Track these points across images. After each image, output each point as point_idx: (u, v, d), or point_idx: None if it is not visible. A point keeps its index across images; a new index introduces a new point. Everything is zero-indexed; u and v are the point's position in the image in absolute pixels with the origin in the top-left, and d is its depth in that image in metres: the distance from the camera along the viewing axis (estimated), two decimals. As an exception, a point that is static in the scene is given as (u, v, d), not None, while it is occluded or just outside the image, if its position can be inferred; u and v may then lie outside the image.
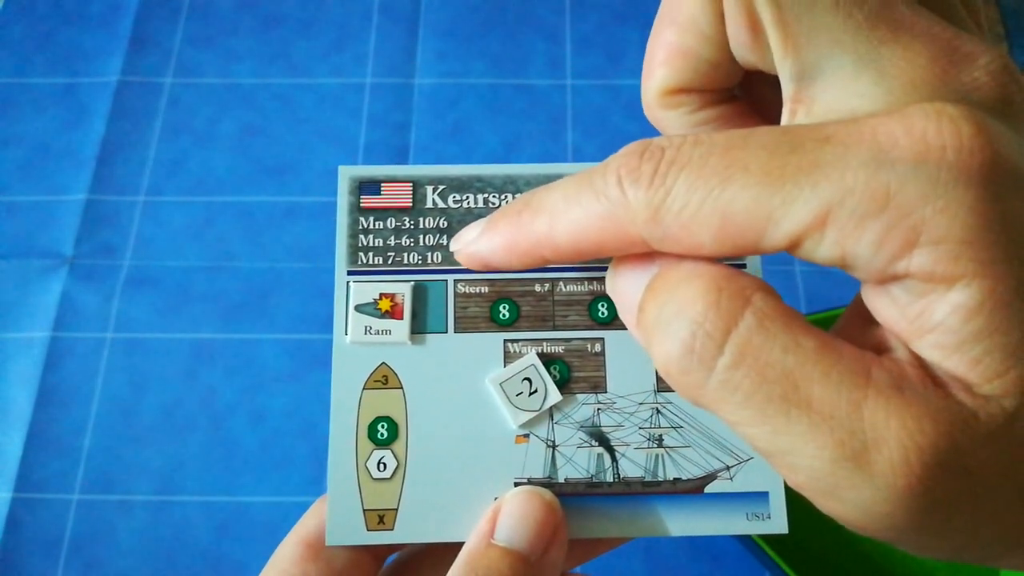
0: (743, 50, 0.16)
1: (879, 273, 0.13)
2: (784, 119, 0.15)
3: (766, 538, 0.34)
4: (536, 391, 0.21)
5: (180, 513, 0.40)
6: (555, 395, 0.21)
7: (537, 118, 0.50)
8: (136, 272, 0.45)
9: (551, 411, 0.21)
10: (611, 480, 0.21)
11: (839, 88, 0.14)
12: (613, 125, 0.49)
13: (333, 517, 0.20)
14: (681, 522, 0.20)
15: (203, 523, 0.40)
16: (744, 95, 0.19)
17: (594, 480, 0.21)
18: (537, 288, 0.22)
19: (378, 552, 0.22)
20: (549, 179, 0.23)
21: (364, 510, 0.20)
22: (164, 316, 0.44)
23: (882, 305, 0.13)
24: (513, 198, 0.23)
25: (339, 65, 0.51)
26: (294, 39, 0.52)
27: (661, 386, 0.21)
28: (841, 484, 0.13)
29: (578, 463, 0.21)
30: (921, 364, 0.13)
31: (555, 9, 0.53)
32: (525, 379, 0.21)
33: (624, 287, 0.16)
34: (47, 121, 0.49)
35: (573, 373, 0.21)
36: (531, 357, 0.21)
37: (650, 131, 0.50)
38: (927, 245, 0.12)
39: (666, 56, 0.17)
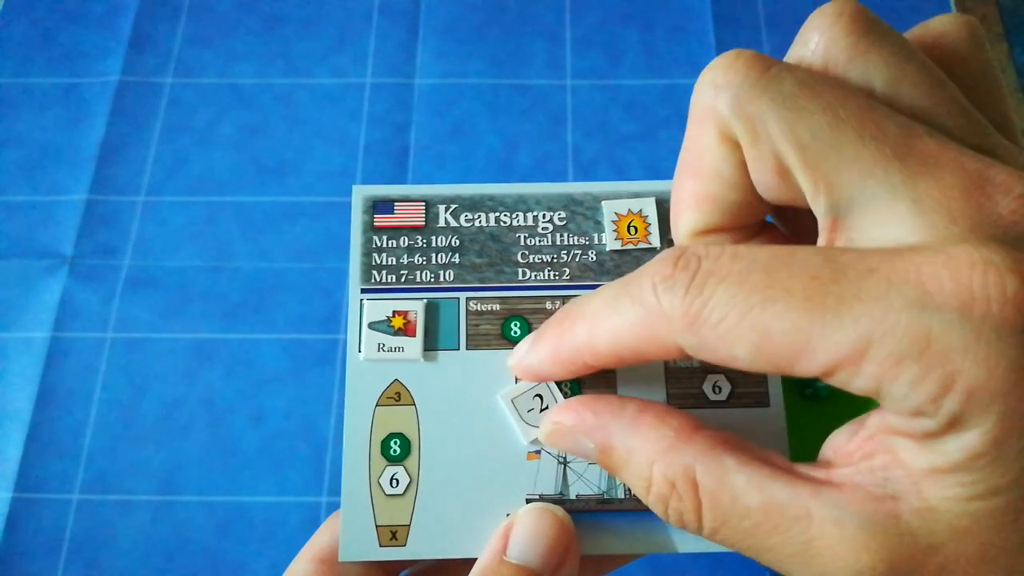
0: (771, 191, 0.16)
1: (909, 411, 0.13)
2: (821, 244, 0.16)
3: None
4: (547, 407, 0.21)
5: (180, 513, 0.40)
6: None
7: (537, 118, 0.50)
8: (136, 272, 0.45)
9: None
10: (622, 496, 0.21)
11: (876, 218, 0.14)
12: (613, 125, 0.49)
13: (346, 533, 0.20)
14: (690, 539, 0.21)
15: (203, 523, 0.40)
16: (776, 218, 0.19)
17: (605, 496, 0.21)
18: (548, 305, 0.22)
19: (391, 568, 0.22)
20: (559, 198, 0.23)
21: (377, 526, 0.20)
22: (164, 316, 0.44)
23: (896, 421, 0.14)
24: (524, 217, 0.23)
25: (339, 65, 0.51)
26: (294, 39, 0.52)
27: (672, 402, 0.21)
28: None
29: (589, 479, 0.21)
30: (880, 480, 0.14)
31: (555, 9, 0.53)
32: (536, 395, 0.21)
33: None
34: (47, 121, 0.49)
35: (584, 389, 0.22)
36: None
37: (649, 130, 0.50)
38: (961, 393, 0.12)
39: (693, 202, 0.18)
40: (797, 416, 0.21)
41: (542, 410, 0.21)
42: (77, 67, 0.51)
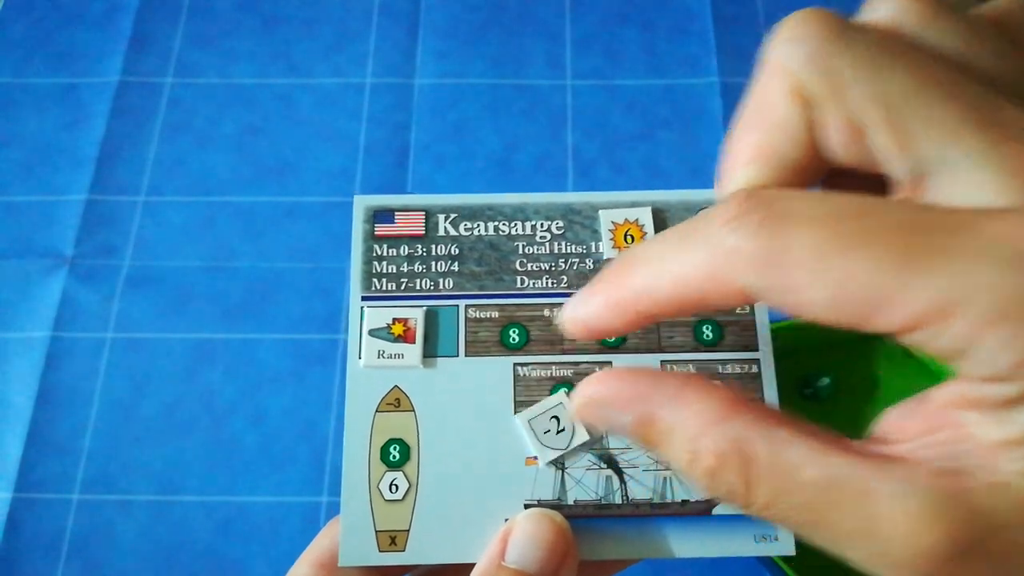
0: (839, 151, 0.16)
1: (992, 374, 0.12)
2: None
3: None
4: (563, 429, 0.21)
5: (180, 513, 0.40)
6: (583, 434, 0.21)
7: (537, 118, 0.50)
8: (136, 272, 0.45)
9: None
10: (620, 502, 0.21)
11: (960, 181, 0.14)
12: (613, 125, 0.49)
13: (346, 538, 0.20)
14: (689, 544, 0.21)
15: (203, 523, 0.40)
16: (824, 187, 0.19)
17: (603, 502, 0.21)
18: (546, 313, 0.23)
19: (390, 573, 0.22)
20: (557, 207, 0.23)
21: (376, 531, 0.21)
22: (164, 316, 0.44)
23: (971, 389, 0.13)
24: (522, 226, 0.23)
25: (339, 65, 0.51)
26: (294, 39, 0.52)
27: None
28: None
29: (587, 485, 0.21)
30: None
31: (555, 9, 0.53)
32: (553, 417, 0.21)
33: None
34: (47, 121, 0.49)
35: None
36: (560, 396, 0.22)
37: (649, 130, 0.49)
38: None
39: (752, 156, 0.17)
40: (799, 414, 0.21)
41: (559, 432, 0.21)
42: (77, 67, 0.51)
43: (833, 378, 0.41)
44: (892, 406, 0.15)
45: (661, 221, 0.23)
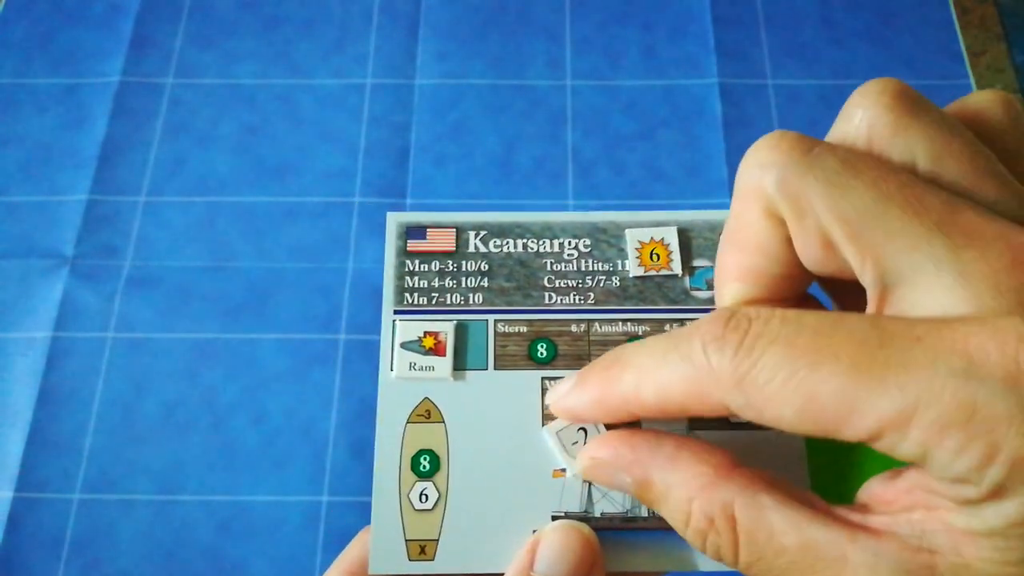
0: (817, 265, 0.17)
1: (952, 476, 0.13)
2: (870, 311, 0.16)
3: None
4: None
5: (181, 512, 0.40)
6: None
7: (537, 118, 0.50)
8: (137, 272, 0.45)
9: None
10: (646, 515, 0.21)
11: (923, 289, 0.15)
12: (613, 125, 0.49)
13: (376, 546, 0.21)
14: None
15: (204, 522, 0.40)
16: (824, 288, 0.20)
17: (629, 515, 0.21)
18: (573, 328, 0.23)
19: None
20: (584, 226, 0.24)
21: (406, 540, 0.21)
22: (165, 316, 0.44)
23: (938, 485, 0.14)
24: (550, 244, 0.24)
25: (339, 65, 0.51)
26: (295, 39, 0.52)
27: (694, 424, 0.22)
28: None
29: (614, 498, 0.21)
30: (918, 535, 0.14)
31: (555, 9, 0.53)
32: (581, 428, 0.22)
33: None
34: (48, 121, 0.50)
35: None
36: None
37: (649, 130, 0.50)
38: (1004, 464, 0.13)
39: (738, 274, 0.18)
40: (816, 440, 0.21)
41: (586, 443, 0.22)
42: (77, 67, 0.51)
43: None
44: (876, 476, 0.17)
45: (686, 240, 0.24)
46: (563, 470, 0.21)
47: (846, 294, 0.19)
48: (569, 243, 0.24)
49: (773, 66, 0.51)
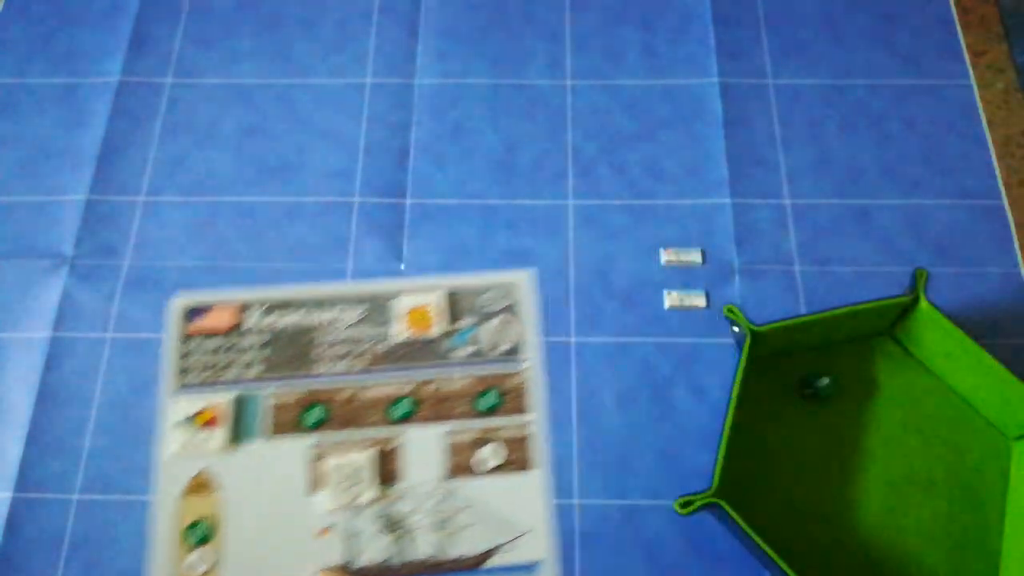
0: None
1: None
2: None
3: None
4: (360, 483, 0.24)
5: (180, 513, 0.40)
6: (371, 493, 0.24)
7: (537, 118, 0.50)
8: (136, 272, 0.45)
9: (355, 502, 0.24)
10: (403, 562, 0.24)
11: None
12: (613, 125, 0.50)
13: None
14: None
15: (203, 523, 0.40)
16: None
17: (386, 563, 0.24)
18: (345, 393, 0.26)
19: None
20: (357, 297, 0.28)
21: None
22: (164, 316, 0.44)
23: None
24: (325, 315, 0.28)
25: (339, 65, 0.51)
26: (294, 39, 0.52)
27: (450, 475, 0.24)
28: None
29: (375, 548, 0.24)
30: None
31: (555, 9, 0.53)
32: (357, 469, 0.24)
33: None
34: (47, 121, 0.50)
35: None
36: (373, 454, 0.24)
37: (649, 130, 0.49)
38: None
39: None
40: (799, 414, 0.21)
41: (353, 486, 0.24)
42: (77, 67, 0.51)
43: (833, 378, 0.41)
44: None
45: (455, 302, 0.28)
46: (329, 528, 0.24)
47: None
48: (343, 313, 0.27)
49: (773, 66, 0.51)
